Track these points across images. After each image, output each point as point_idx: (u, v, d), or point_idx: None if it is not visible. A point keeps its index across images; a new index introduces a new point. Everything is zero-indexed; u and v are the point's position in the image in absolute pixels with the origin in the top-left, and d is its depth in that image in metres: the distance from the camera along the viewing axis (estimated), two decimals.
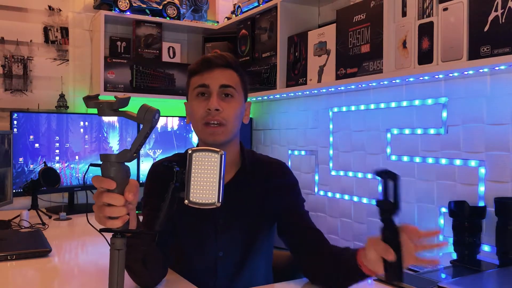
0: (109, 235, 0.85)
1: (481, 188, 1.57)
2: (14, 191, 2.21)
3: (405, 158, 1.86)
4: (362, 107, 2.07)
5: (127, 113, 0.85)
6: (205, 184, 0.83)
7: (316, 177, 2.34)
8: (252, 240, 1.32)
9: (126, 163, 0.85)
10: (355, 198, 2.10)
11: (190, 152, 0.84)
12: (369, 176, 2.02)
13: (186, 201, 0.85)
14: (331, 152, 2.25)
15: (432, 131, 1.75)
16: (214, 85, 1.27)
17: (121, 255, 0.84)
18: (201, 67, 1.30)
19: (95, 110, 0.87)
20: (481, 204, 1.56)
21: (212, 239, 1.30)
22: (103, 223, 0.86)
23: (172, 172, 0.89)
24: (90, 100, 0.84)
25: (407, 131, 1.85)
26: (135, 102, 2.88)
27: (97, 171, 0.84)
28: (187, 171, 0.84)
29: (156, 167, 1.35)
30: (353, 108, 2.13)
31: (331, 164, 2.25)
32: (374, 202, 1.99)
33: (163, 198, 0.92)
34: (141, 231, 0.93)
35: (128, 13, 2.57)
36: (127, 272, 1.14)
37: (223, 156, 0.84)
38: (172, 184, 0.90)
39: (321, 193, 2.31)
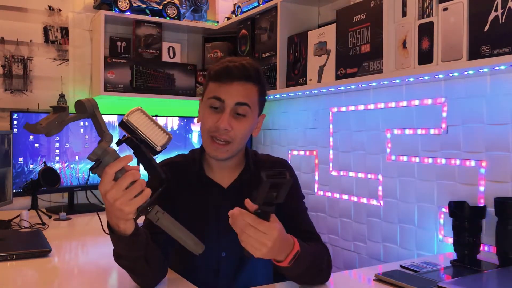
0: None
1: (481, 188, 1.57)
2: (14, 191, 2.21)
3: (405, 158, 1.86)
4: (362, 107, 2.07)
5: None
6: (154, 131, 1.00)
7: (316, 177, 2.34)
8: None
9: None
10: (355, 198, 2.10)
11: (125, 120, 0.98)
12: (369, 176, 2.02)
13: (158, 148, 1.00)
14: (331, 152, 2.25)
15: (432, 131, 1.75)
16: (229, 102, 1.23)
17: (167, 216, 0.97)
18: (220, 75, 1.25)
19: None
20: (481, 204, 1.56)
21: (215, 239, 1.30)
22: (134, 205, 0.92)
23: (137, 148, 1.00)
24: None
25: (407, 131, 1.85)
26: (136, 102, 2.87)
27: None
28: (139, 132, 0.98)
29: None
30: (353, 108, 2.13)
31: (331, 164, 2.25)
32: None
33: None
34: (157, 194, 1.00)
35: (128, 13, 2.57)
36: (130, 274, 1.14)
37: (141, 108, 1.01)
38: (146, 150, 1.01)
39: (321, 193, 2.31)
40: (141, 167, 1.03)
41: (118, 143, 0.99)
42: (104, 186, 0.92)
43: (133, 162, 0.96)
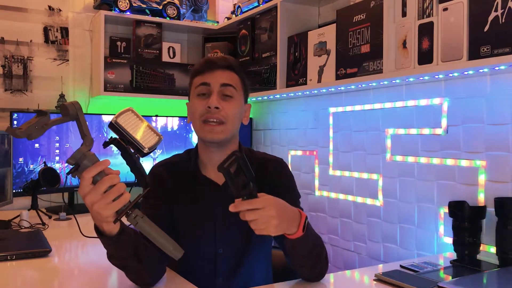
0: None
1: (481, 188, 1.57)
2: (14, 191, 2.21)
3: (405, 158, 1.86)
4: (362, 107, 2.07)
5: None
6: (143, 132, 1.01)
7: (316, 177, 2.34)
8: (251, 237, 1.32)
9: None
10: (355, 198, 2.10)
11: (114, 121, 0.99)
12: (369, 176, 2.02)
13: (146, 150, 1.00)
14: (331, 152, 2.25)
15: (432, 131, 1.75)
16: (215, 84, 1.29)
17: (147, 220, 0.97)
18: (203, 68, 1.32)
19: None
20: (481, 204, 1.56)
21: (212, 235, 1.31)
22: (111, 209, 0.93)
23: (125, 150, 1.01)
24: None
25: (407, 131, 1.85)
26: (136, 102, 2.88)
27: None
28: (127, 134, 0.99)
29: (156, 169, 1.37)
30: (353, 108, 2.13)
31: (331, 164, 2.25)
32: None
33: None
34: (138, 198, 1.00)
35: (128, 13, 2.57)
36: (125, 273, 1.14)
37: (132, 109, 1.02)
38: (132, 152, 1.01)
39: (321, 193, 2.31)
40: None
41: (105, 145, 1.00)
42: (82, 190, 0.94)
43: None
